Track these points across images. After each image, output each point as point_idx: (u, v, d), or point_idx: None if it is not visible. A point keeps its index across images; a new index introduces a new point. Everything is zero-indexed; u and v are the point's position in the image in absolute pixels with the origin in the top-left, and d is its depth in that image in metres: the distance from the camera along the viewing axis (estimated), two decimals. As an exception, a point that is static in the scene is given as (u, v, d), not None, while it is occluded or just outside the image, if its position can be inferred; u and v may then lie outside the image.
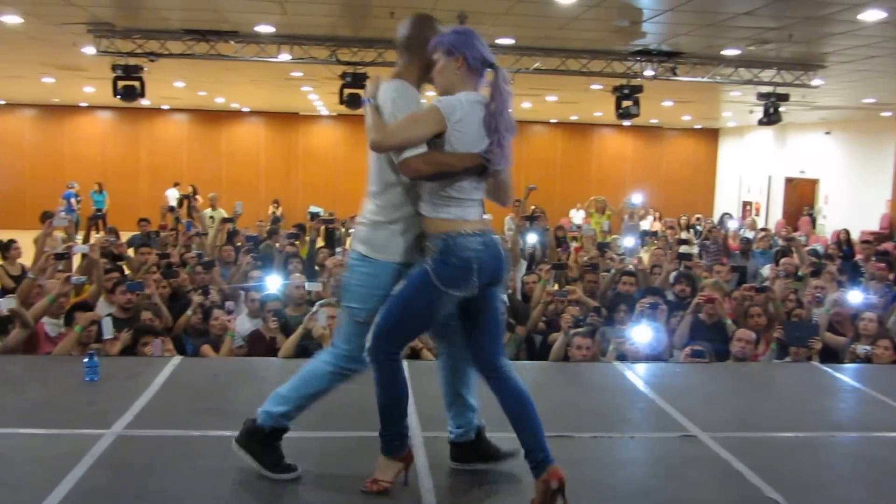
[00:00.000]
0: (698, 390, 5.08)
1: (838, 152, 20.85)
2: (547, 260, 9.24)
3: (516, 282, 8.24)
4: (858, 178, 19.82)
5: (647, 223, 19.94)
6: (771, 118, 13.29)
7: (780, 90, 12.84)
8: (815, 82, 12.40)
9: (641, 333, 5.87)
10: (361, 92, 2.88)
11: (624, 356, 5.75)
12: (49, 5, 9.05)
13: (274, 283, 7.04)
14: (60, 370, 4.83)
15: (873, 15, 8.15)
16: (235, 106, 23.86)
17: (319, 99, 20.14)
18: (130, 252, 8.90)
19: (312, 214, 12.59)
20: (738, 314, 6.98)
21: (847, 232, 14.27)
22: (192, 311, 6.45)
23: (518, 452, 3.21)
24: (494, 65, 3.14)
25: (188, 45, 11.14)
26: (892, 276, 8.96)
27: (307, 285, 6.87)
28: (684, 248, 9.79)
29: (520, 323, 6.85)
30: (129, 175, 23.98)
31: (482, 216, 3.17)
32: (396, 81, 3.18)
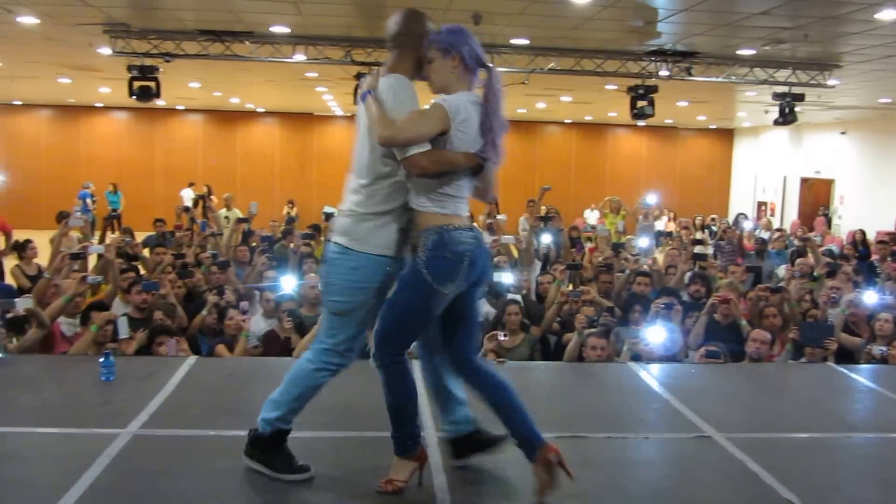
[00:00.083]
0: (713, 391, 5.06)
1: (854, 152, 20.70)
2: (561, 260, 9.23)
3: (531, 282, 8.22)
4: (874, 179, 19.67)
5: (662, 223, 19.82)
6: (786, 118, 13.21)
7: (796, 90, 12.75)
8: (831, 82, 12.33)
9: (656, 334, 5.85)
10: (361, 82, 2.88)
11: (638, 357, 5.74)
12: (65, 6, 9.11)
13: (289, 283, 7.05)
14: (76, 370, 4.86)
15: (890, 14, 8.09)
16: (250, 106, 23.92)
17: (334, 99, 20.14)
18: (146, 252, 8.95)
19: (327, 215, 12.55)
20: (754, 315, 6.95)
21: (863, 232, 14.16)
22: (207, 311, 6.48)
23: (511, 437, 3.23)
24: (487, 65, 3.18)
25: (203, 45, 11.19)
26: (908, 276, 8.90)
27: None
28: (699, 249, 9.74)
29: (534, 323, 6.82)
30: (145, 175, 24.06)
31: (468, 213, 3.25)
32: (395, 75, 3.17)
